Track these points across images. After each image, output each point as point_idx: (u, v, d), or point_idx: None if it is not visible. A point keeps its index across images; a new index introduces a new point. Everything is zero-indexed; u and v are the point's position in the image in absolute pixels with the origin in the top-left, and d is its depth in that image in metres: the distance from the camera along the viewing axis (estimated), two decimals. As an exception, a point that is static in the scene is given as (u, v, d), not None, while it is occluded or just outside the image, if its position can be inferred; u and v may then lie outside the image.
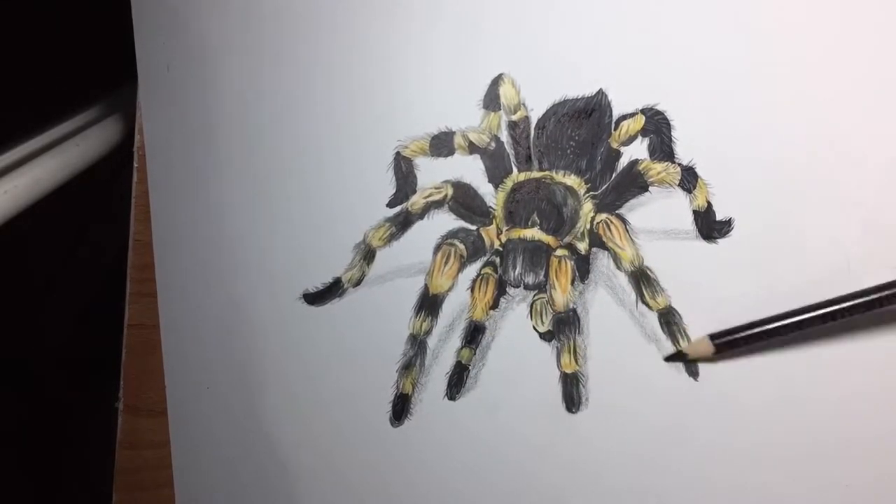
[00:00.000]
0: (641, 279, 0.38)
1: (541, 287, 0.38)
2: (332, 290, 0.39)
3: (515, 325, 0.39)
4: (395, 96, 0.39)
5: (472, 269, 0.39)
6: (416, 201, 0.39)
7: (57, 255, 0.75)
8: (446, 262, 0.38)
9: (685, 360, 0.36)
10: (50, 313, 0.76)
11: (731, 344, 0.35)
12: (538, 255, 0.38)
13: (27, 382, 0.75)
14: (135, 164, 0.39)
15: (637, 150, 0.39)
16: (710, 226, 0.38)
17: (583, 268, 0.38)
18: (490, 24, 0.39)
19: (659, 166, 0.38)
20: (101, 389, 0.43)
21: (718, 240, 0.38)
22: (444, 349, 0.39)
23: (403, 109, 0.39)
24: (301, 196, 0.39)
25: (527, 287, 0.38)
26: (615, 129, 0.38)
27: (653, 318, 0.38)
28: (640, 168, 0.38)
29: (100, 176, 0.51)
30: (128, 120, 0.49)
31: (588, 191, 0.39)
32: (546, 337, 0.38)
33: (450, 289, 0.39)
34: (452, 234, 0.39)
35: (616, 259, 0.38)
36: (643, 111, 0.38)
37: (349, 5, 0.40)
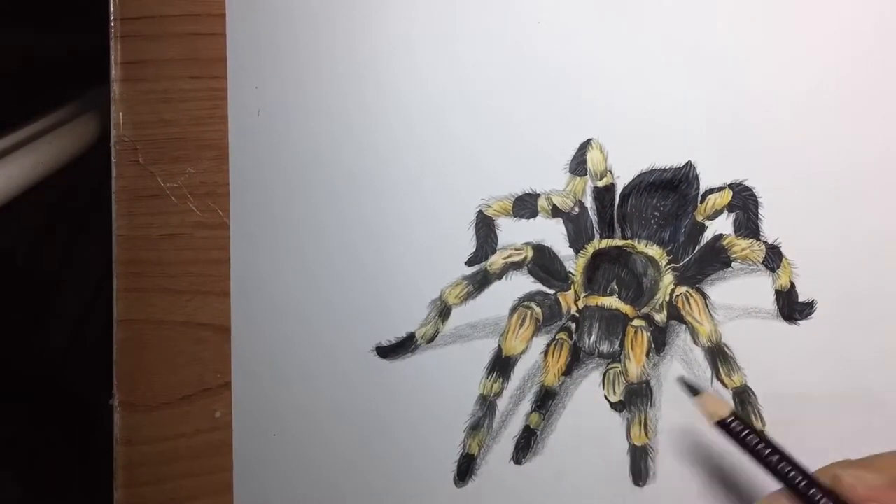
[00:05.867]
0: (718, 356, 0.37)
1: (615, 356, 0.38)
2: (405, 345, 0.39)
3: (587, 393, 0.38)
4: (481, 155, 0.38)
5: (546, 334, 0.39)
6: (496, 261, 0.38)
7: (52, 253, 0.75)
8: (521, 325, 0.38)
9: (691, 394, 0.31)
10: (46, 312, 0.75)
11: (730, 431, 0.30)
12: (615, 324, 0.38)
13: (25, 382, 0.75)
14: (113, 160, 0.39)
15: (722, 226, 0.38)
16: (791, 306, 0.37)
17: (659, 340, 0.38)
18: (580, 89, 0.38)
19: (743, 243, 0.38)
20: (98, 386, 0.42)
21: (799, 321, 0.37)
22: (514, 412, 0.38)
23: (489, 168, 0.38)
24: (380, 249, 0.39)
25: (601, 355, 0.38)
26: (701, 202, 0.38)
27: (727, 396, 0.38)
28: (724, 243, 0.38)
29: (87, 173, 0.51)
30: (101, 118, 0.49)
31: (669, 262, 0.38)
32: (617, 407, 0.38)
33: (523, 352, 0.38)
34: (529, 297, 0.38)
35: (693, 333, 0.38)
36: (731, 186, 0.38)
37: (436, 62, 0.39)
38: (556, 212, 0.38)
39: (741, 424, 0.30)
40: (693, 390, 0.31)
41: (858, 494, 0.24)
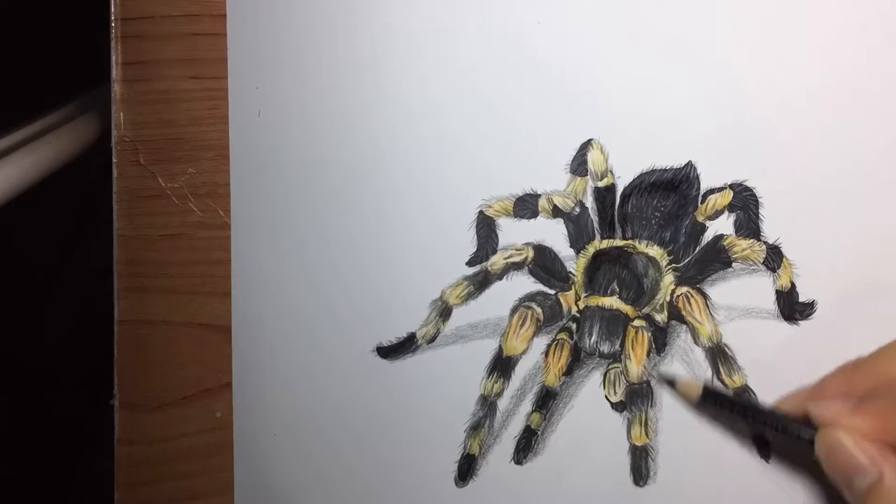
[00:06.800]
0: (719, 356, 0.37)
1: (616, 357, 0.38)
2: (406, 346, 0.39)
3: (587, 394, 0.38)
4: (481, 155, 0.38)
5: (547, 334, 0.39)
6: (496, 262, 0.38)
7: (52, 253, 0.75)
8: (522, 325, 0.38)
9: (671, 387, 0.36)
10: (46, 312, 0.75)
11: (714, 400, 0.34)
12: (615, 325, 0.38)
13: (25, 382, 0.75)
14: (114, 160, 0.39)
15: (723, 226, 0.38)
16: (792, 307, 0.37)
17: (660, 340, 0.38)
18: (580, 89, 0.38)
19: (744, 243, 0.38)
20: (98, 387, 0.42)
21: (800, 321, 0.37)
22: (515, 412, 0.38)
23: (490, 169, 0.38)
24: (380, 249, 0.39)
25: (602, 356, 0.38)
26: (702, 203, 0.38)
27: (728, 397, 0.37)
28: (725, 243, 0.38)
29: (87, 173, 0.51)
30: (102, 118, 0.49)
31: (670, 262, 0.38)
32: (618, 407, 0.38)
33: (524, 352, 0.38)
34: (530, 297, 0.38)
35: (694, 333, 0.38)
36: (732, 186, 0.38)
37: (437, 62, 0.39)
38: (556, 212, 0.38)
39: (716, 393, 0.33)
40: (672, 382, 0.34)
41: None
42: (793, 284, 0.37)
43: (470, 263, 0.38)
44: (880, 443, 0.27)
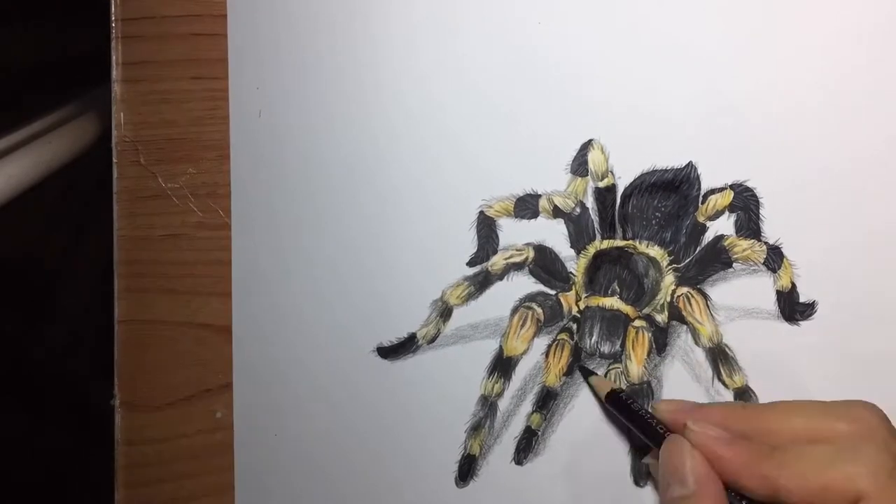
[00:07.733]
0: (719, 356, 0.37)
1: (616, 357, 0.38)
2: (407, 346, 0.39)
3: (588, 394, 0.38)
4: (481, 155, 0.38)
5: (548, 334, 0.39)
6: (497, 262, 0.38)
7: (52, 253, 0.75)
8: (523, 325, 0.38)
9: (586, 379, 0.37)
10: (46, 312, 0.75)
11: (616, 405, 0.36)
12: (616, 325, 0.38)
13: (25, 382, 0.75)
14: (114, 160, 0.39)
15: (723, 226, 0.38)
16: (792, 307, 0.37)
17: (660, 340, 0.38)
18: (581, 89, 0.38)
19: (744, 243, 0.38)
20: (98, 387, 0.42)
21: (800, 322, 0.37)
22: (515, 413, 0.38)
23: (489, 168, 0.38)
24: (381, 249, 0.39)
25: (602, 356, 0.38)
26: (702, 203, 0.38)
27: (728, 397, 0.38)
28: (726, 244, 0.38)
29: (87, 173, 0.51)
30: (102, 118, 0.49)
31: (671, 263, 0.38)
32: (619, 407, 0.38)
33: (524, 352, 0.38)
34: (531, 298, 0.38)
35: (695, 334, 0.38)
36: (732, 186, 0.38)
37: (437, 62, 0.39)
38: (557, 212, 0.38)
39: (626, 395, 0.35)
40: (586, 373, 0.37)
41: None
42: (793, 285, 0.37)
43: (470, 264, 0.38)
44: (718, 477, 0.29)
